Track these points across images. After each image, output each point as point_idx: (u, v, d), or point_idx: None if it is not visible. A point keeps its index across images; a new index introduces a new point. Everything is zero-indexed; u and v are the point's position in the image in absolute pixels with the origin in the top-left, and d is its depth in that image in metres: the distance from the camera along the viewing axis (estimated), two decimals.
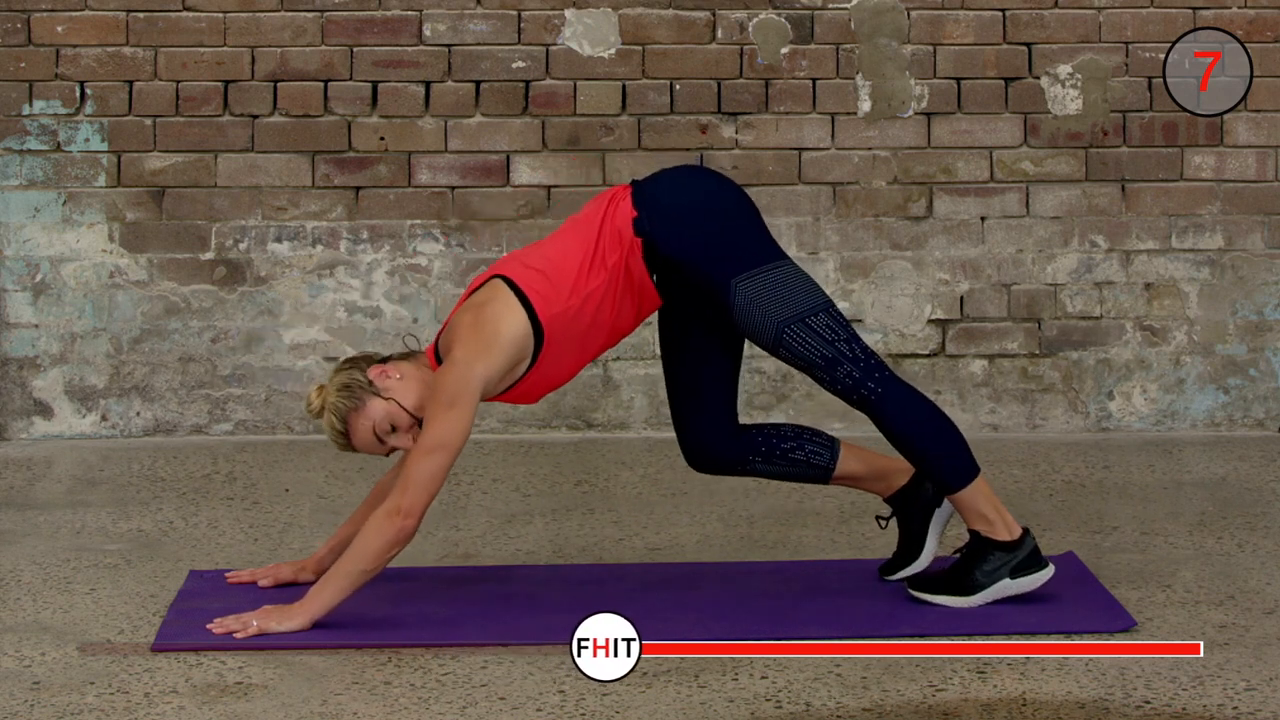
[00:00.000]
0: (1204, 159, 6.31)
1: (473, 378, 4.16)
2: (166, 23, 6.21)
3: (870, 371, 4.28)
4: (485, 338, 4.18)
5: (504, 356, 4.19)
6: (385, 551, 4.13)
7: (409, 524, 4.12)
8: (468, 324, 4.22)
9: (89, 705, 3.79)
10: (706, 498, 5.45)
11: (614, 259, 4.25)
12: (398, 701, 3.80)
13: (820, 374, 4.29)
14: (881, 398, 4.28)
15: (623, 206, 4.29)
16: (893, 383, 4.30)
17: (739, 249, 4.28)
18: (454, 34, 6.25)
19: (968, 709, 3.73)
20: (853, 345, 4.28)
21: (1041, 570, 4.31)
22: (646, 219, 4.26)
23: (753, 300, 4.25)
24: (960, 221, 6.30)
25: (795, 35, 6.26)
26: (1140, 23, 6.28)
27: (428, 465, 4.13)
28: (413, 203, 6.27)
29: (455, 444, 4.14)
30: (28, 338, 6.26)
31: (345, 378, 4.30)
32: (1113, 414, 6.33)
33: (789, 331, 4.25)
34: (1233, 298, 6.32)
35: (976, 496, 4.31)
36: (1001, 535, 4.30)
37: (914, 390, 4.34)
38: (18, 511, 5.35)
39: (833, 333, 4.27)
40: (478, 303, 4.25)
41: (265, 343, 6.28)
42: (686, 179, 4.37)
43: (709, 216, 4.29)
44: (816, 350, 4.26)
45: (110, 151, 6.22)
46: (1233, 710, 3.71)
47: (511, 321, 4.20)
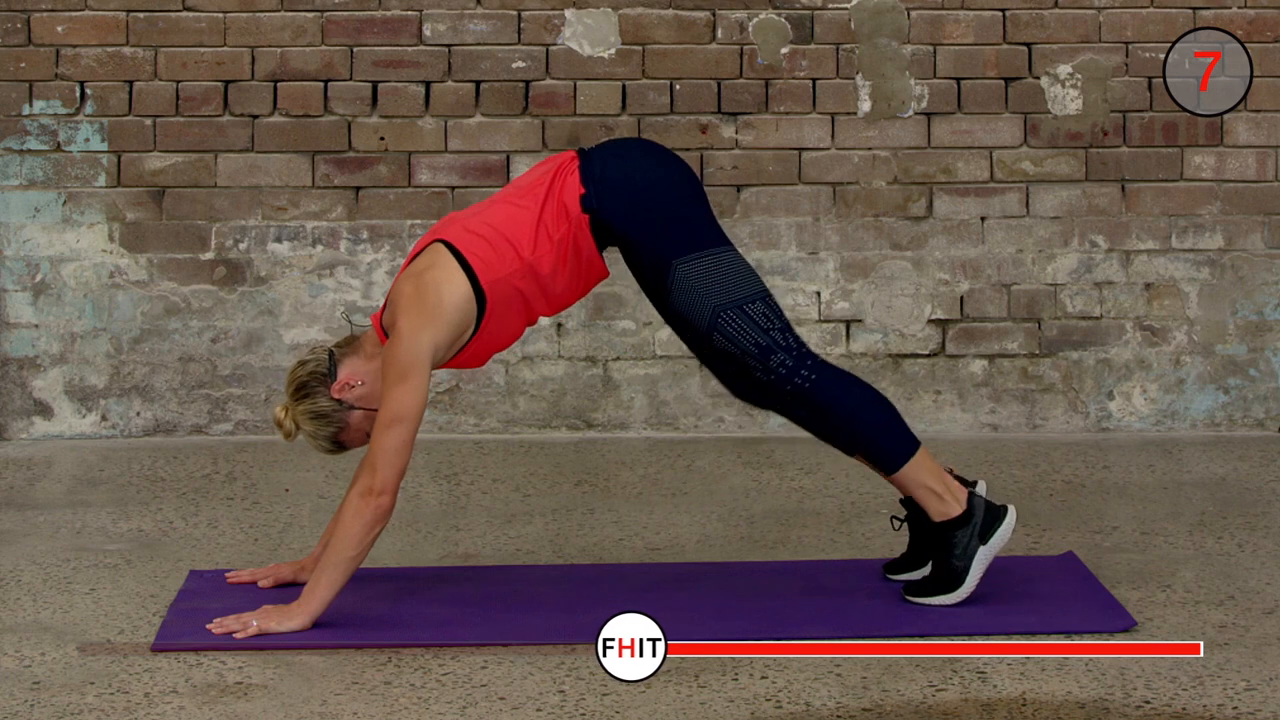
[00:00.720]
0: (1204, 159, 6.31)
1: (420, 347, 4.15)
2: (166, 23, 6.21)
3: (803, 360, 4.28)
4: (429, 306, 4.17)
5: (449, 323, 4.19)
6: (366, 533, 4.13)
7: (384, 501, 4.12)
8: (409, 293, 4.20)
9: (89, 705, 3.79)
10: (706, 498, 5.45)
11: (560, 232, 4.25)
12: (398, 701, 3.80)
13: (753, 362, 4.27)
14: (816, 384, 4.27)
15: (570, 181, 4.28)
16: (825, 368, 4.29)
17: (683, 231, 4.27)
18: (454, 34, 6.25)
19: (968, 709, 3.73)
20: (786, 335, 4.28)
21: (1005, 519, 4.31)
22: (595, 196, 4.26)
23: (692, 282, 4.25)
24: (960, 221, 6.31)
25: (795, 35, 6.26)
26: (1140, 23, 6.28)
27: (390, 439, 4.12)
28: (413, 203, 6.27)
29: (413, 414, 4.14)
30: (28, 338, 6.26)
31: (312, 406, 4.28)
32: (1113, 414, 6.33)
33: (725, 316, 4.25)
34: (1233, 298, 6.32)
35: (920, 470, 4.31)
36: (953, 509, 4.30)
37: (845, 372, 4.33)
38: (18, 511, 5.35)
39: (768, 321, 4.27)
40: (418, 270, 4.23)
41: (265, 343, 6.28)
42: (635, 155, 4.36)
43: (657, 196, 4.29)
44: (750, 337, 4.26)
45: (110, 151, 6.22)
46: (1233, 710, 3.71)
47: (453, 288, 4.19)
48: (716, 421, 6.31)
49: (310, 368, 4.30)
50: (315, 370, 4.30)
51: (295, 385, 4.31)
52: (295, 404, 4.30)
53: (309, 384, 4.30)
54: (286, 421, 4.31)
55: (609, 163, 4.31)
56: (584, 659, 4.03)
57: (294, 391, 4.31)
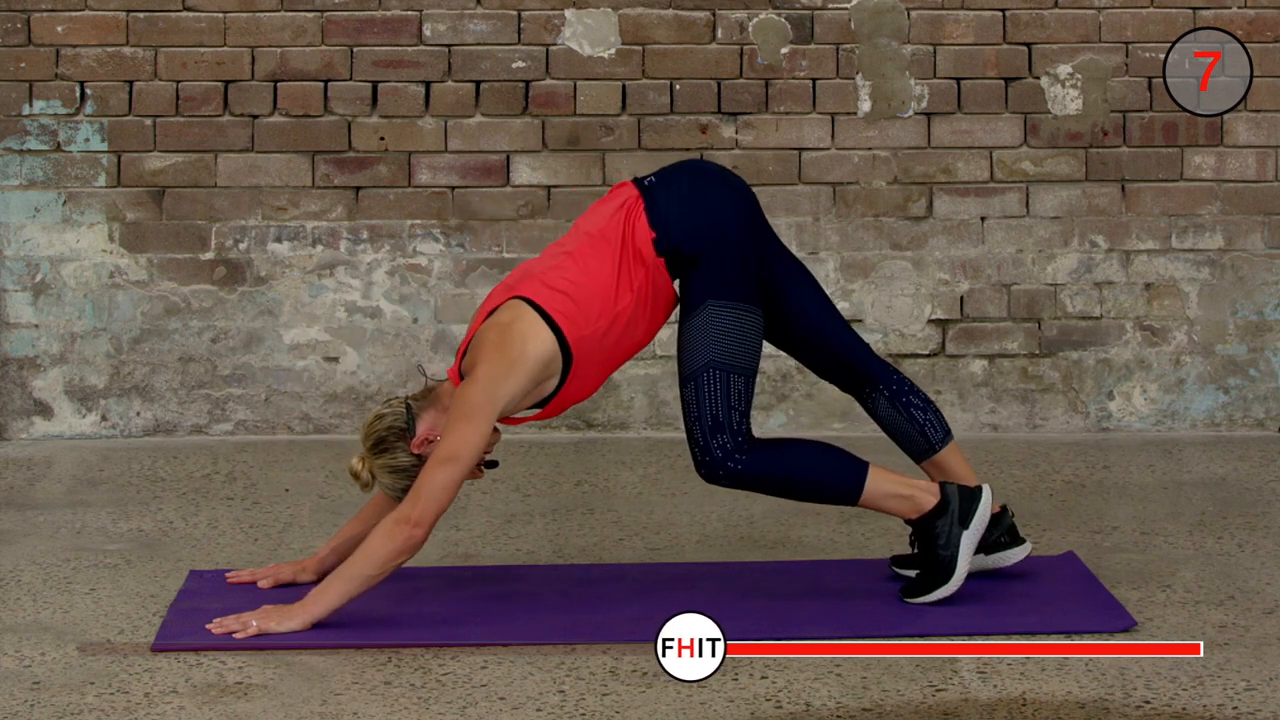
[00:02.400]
0: (1204, 159, 6.31)
1: (495, 394, 4.15)
2: (166, 23, 6.21)
3: (741, 447, 4.26)
4: (511, 356, 4.17)
5: (528, 375, 4.18)
6: (391, 559, 4.13)
7: (417, 534, 4.11)
8: (492, 342, 4.19)
9: (89, 705, 3.79)
10: (706, 498, 5.45)
11: (639, 279, 4.26)
12: (398, 701, 3.80)
13: (698, 429, 4.26)
14: (745, 465, 4.27)
15: (640, 226, 4.27)
16: (756, 449, 4.27)
17: (732, 275, 4.28)
18: (454, 34, 6.25)
19: (968, 709, 3.73)
20: (743, 421, 4.27)
21: (981, 500, 4.32)
22: (665, 239, 4.27)
23: (708, 326, 4.26)
24: (960, 221, 6.30)
25: (795, 35, 6.26)
26: (1140, 23, 6.28)
27: (440, 477, 4.12)
28: (413, 203, 6.27)
29: (469, 457, 4.13)
30: (28, 338, 6.26)
31: (391, 461, 4.26)
32: (1113, 414, 6.33)
33: (709, 374, 4.25)
34: (1233, 298, 6.32)
35: (878, 487, 4.31)
36: (927, 502, 4.30)
37: (774, 442, 4.33)
38: (18, 511, 5.35)
39: (739, 399, 4.27)
40: (502, 321, 4.22)
41: (265, 343, 6.28)
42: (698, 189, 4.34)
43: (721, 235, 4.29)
44: (716, 405, 4.26)
45: (110, 151, 6.22)
46: (1233, 710, 3.71)
47: (538, 343, 4.19)
48: None
49: (388, 422, 4.28)
50: (394, 425, 4.28)
51: (373, 439, 4.29)
52: (374, 458, 4.29)
53: (387, 439, 4.28)
54: (364, 474, 4.30)
55: (673, 201, 4.31)
56: (584, 659, 4.03)
57: (372, 445, 4.29)
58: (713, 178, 4.39)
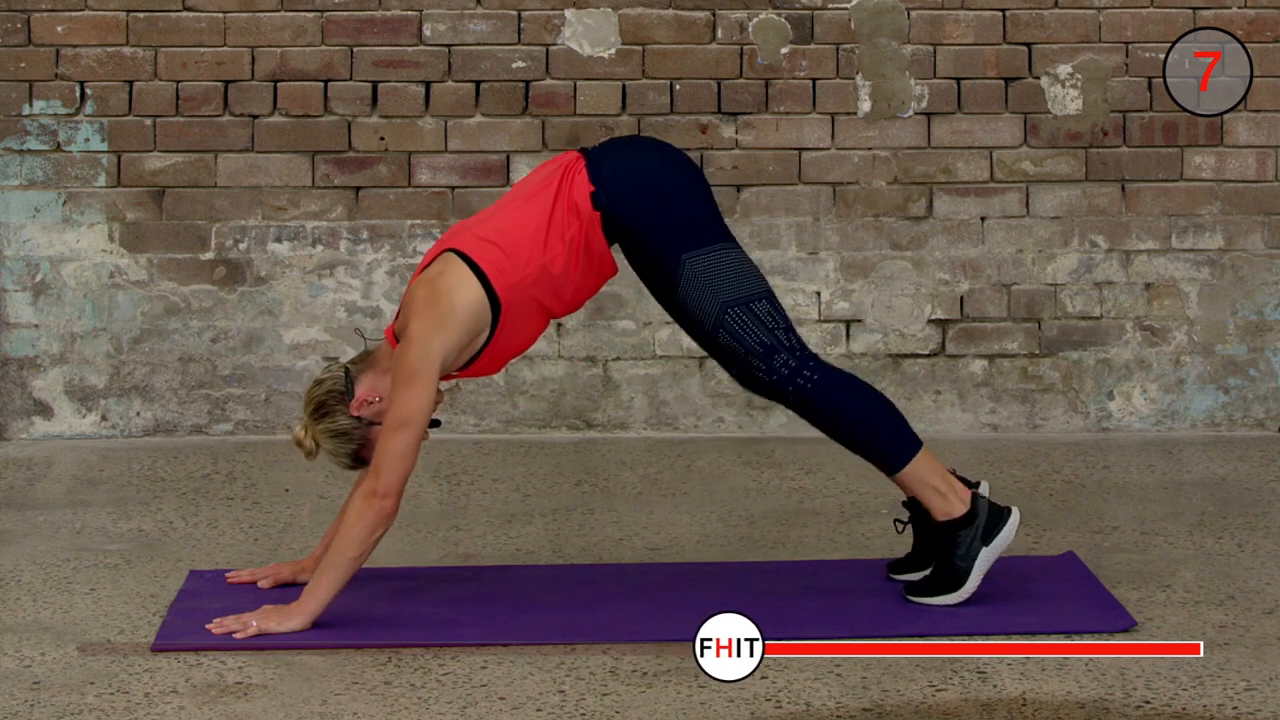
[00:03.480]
0: (1204, 159, 6.31)
1: (431, 351, 4.15)
2: (166, 23, 6.21)
3: (805, 361, 4.28)
4: (441, 311, 4.17)
5: (461, 328, 4.19)
6: (368, 535, 4.13)
7: (387, 504, 4.12)
8: (422, 298, 4.20)
9: (89, 705, 3.79)
10: (706, 498, 5.45)
11: (572, 231, 4.25)
12: (398, 701, 3.80)
13: (756, 361, 4.28)
14: (818, 385, 4.27)
15: (579, 180, 4.28)
16: (826, 370, 4.30)
17: (692, 226, 4.28)
18: (454, 34, 6.25)
19: (968, 709, 3.73)
20: (790, 335, 4.29)
21: (1008, 520, 4.32)
22: (604, 193, 4.26)
23: (700, 278, 4.26)
24: (960, 221, 6.30)
25: (795, 35, 6.26)
26: (1140, 23, 6.28)
27: (395, 443, 4.13)
28: (413, 203, 6.27)
29: (420, 418, 4.14)
30: (28, 338, 6.26)
31: (331, 425, 4.28)
32: (1113, 414, 6.33)
33: (731, 314, 4.26)
34: (1233, 298, 6.32)
35: (924, 470, 4.31)
36: (956, 509, 4.30)
37: (848, 375, 4.33)
38: (18, 511, 5.35)
39: (773, 320, 4.28)
40: (431, 276, 4.23)
41: (265, 343, 6.28)
42: (642, 152, 4.37)
43: (666, 191, 4.29)
44: (756, 336, 4.26)
45: (110, 151, 6.22)
46: (1233, 710, 3.71)
47: (466, 293, 4.19)
48: (716, 421, 6.31)
49: (327, 386, 4.29)
50: (332, 389, 4.30)
51: (314, 405, 4.31)
52: (314, 423, 4.30)
53: (327, 403, 4.29)
54: (307, 440, 4.32)
55: (617, 160, 4.32)
56: (584, 659, 4.03)
57: (312, 411, 4.31)
58: (656, 145, 4.42)
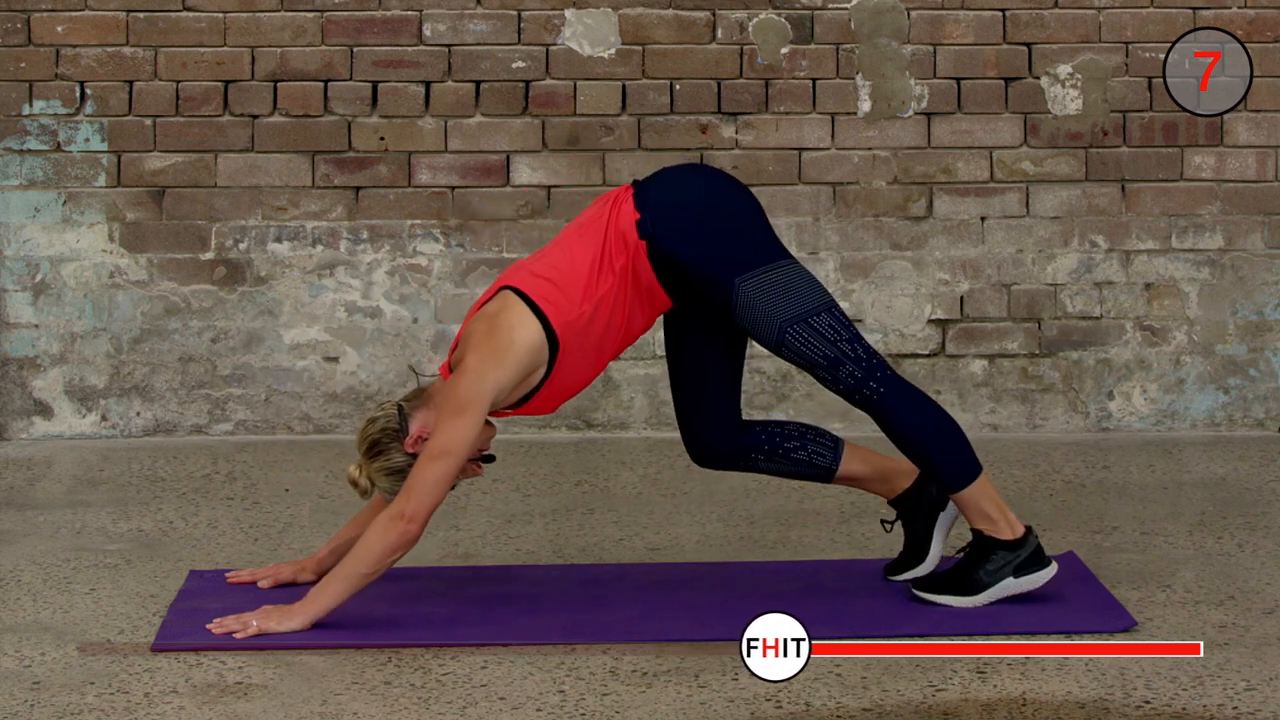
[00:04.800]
0: (1204, 159, 6.31)
1: (484, 385, 4.14)
2: (166, 23, 6.21)
3: (872, 371, 4.28)
4: (499, 346, 4.16)
5: (517, 365, 4.17)
6: (387, 555, 4.13)
7: (412, 529, 4.11)
8: (481, 332, 4.19)
9: (89, 705, 3.79)
10: (706, 498, 5.45)
11: (620, 262, 4.24)
12: (398, 701, 3.80)
13: (823, 374, 4.29)
14: (884, 397, 4.28)
15: (625, 209, 4.27)
16: (894, 382, 4.30)
17: (741, 248, 4.27)
18: (454, 34, 6.25)
19: (968, 709, 3.73)
20: (855, 345, 4.28)
21: (1045, 569, 4.31)
22: (649, 221, 4.25)
23: (755, 300, 4.24)
24: (960, 221, 6.31)
25: (795, 35, 6.26)
26: (1140, 23, 6.28)
27: (432, 471, 4.12)
28: (413, 203, 6.27)
29: (460, 450, 4.13)
30: (28, 338, 6.26)
31: (387, 463, 4.25)
32: (1113, 414, 6.33)
33: (792, 331, 4.25)
34: (1233, 298, 6.32)
35: (979, 495, 4.31)
36: (1005, 534, 4.30)
37: (916, 390, 4.34)
38: (18, 511, 5.35)
39: (835, 332, 4.27)
40: (490, 313, 4.22)
41: (265, 343, 6.28)
42: (688, 178, 4.36)
43: (711, 216, 4.28)
44: (819, 350, 4.26)
45: (110, 151, 6.22)
46: (1233, 710, 3.71)
47: (525, 330, 4.18)
48: None
49: (381, 424, 4.27)
50: (386, 426, 4.27)
51: (368, 443, 4.28)
52: (369, 462, 4.28)
53: (381, 441, 4.27)
54: (362, 480, 4.29)
55: (662, 188, 4.31)
56: (584, 659, 4.03)
57: (367, 450, 4.28)
58: (704, 170, 4.41)
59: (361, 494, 4.31)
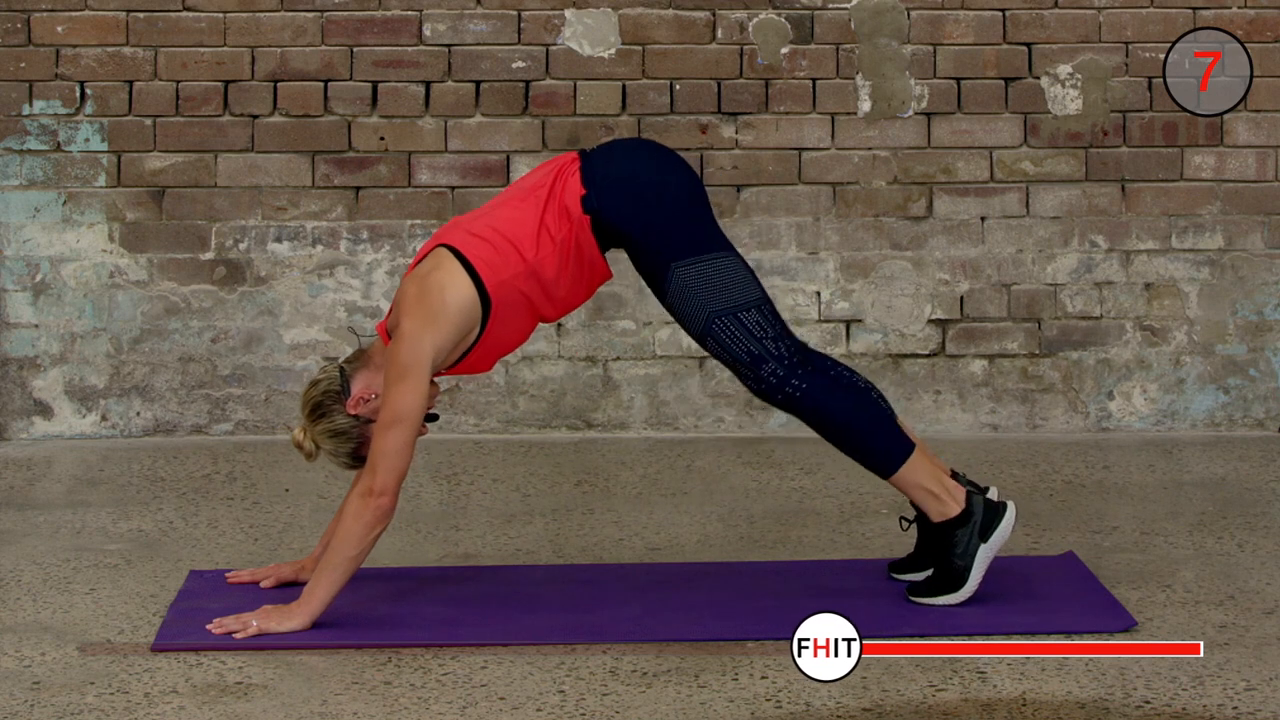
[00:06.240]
0: (1204, 159, 6.31)
1: (422, 348, 4.15)
2: (166, 23, 6.21)
3: (794, 369, 4.26)
4: (432, 307, 4.17)
5: (452, 325, 4.18)
6: (366, 533, 4.14)
7: (384, 501, 4.12)
8: (413, 295, 4.20)
9: (89, 705, 3.79)
10: (706, 498, 5.45)
11: (563, 233, 4.25)
12: (398, 701, 3.80)
13: (744, 370, 4.28)
14: (806, 393, 4.27)
15: (571, 182, 4.28)
16: (815, 378, 4.28)
17: (683, 234, 4.27)
18: (454, 34, 6.25)
19: (968, 709, 3.73)
20: (779, 344, 4.27)
21: (1005, 515, 4.31)
22: (595, 196, 4.25)
23: (687, 287, 4.25)
24: (960, 221, 6.31)
25: (795, 35, 6.26)
26: (1140, 23, 6.28)
27: (390, 440, 4.13)
28: (413, 203, 6.27)
29: (413, 415, 4.14)
30: (28, 338, 6.26)
31: (330, 425, 4.28)
32: (1113, 414, 6.33)
33: (718, 323, 4.25)
34: (1233, 298, 6.32)
35: (915, 473, 4.31)
36: (952, 509, 4.30)
37: (838, 380, 4.31)
38: (18, 511, 5.35)
39: (761, 329, 4.26)
40: (422, 273, 4.23)
41: (265, 343, 6.28)
42: (637, 157, 4.36)
43: (657, 197, 4.28)
44: (743, 346, 4.25)
45: (110, 151, 6.22)
46: (1233, 710, 3.71)
47: (457, 290, 4.19)
48: (716, 421, 6.31)
49: (323, 387, 4.30)
50: (328, 389, 4.30)
51: (310, 406, 4.31)
52: (313, 425, 4.30)
53: (324, 403, 4.29)
54: (306, 443, 4.31)
55: (610, 163, 4.31)
56: (584, 659, 4.03)
57: (310, 412, 4.31)
58: (654, 150, 4.40)
59: (307, 457, 4.33)
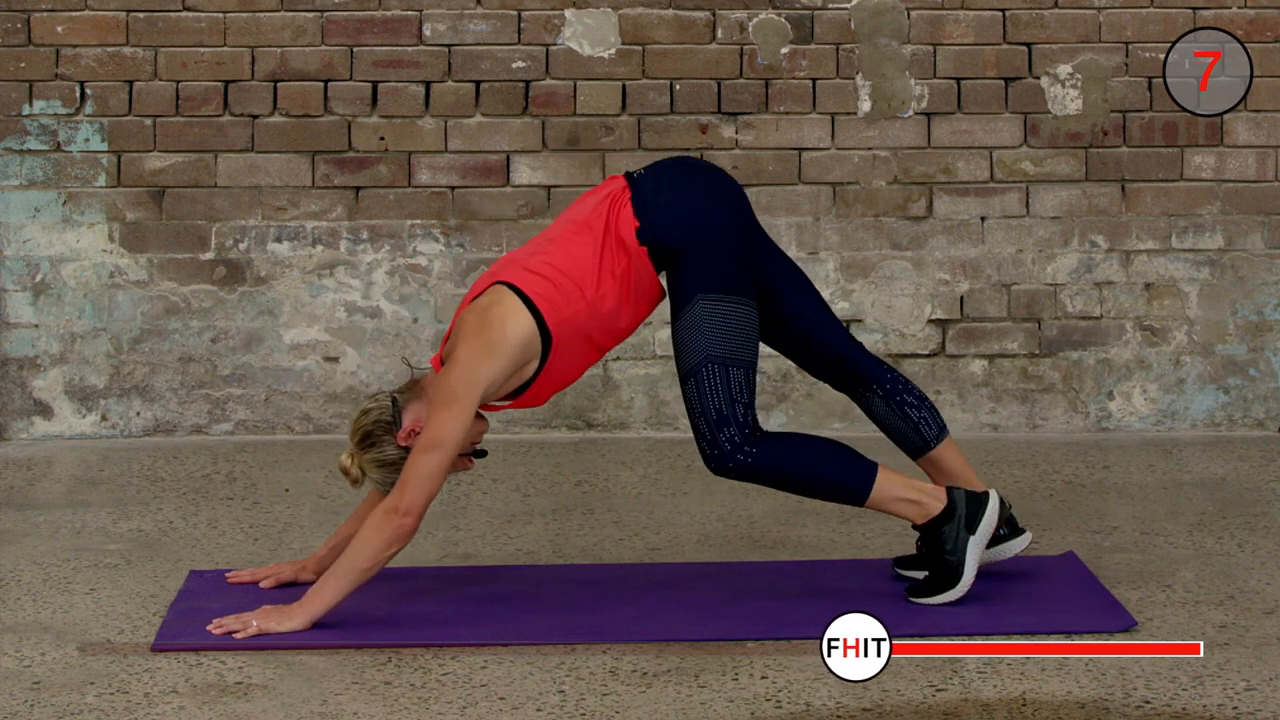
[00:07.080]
0: (1204, 159, 6.31)
1: (475, 377, 4.15)
2: (166, 23, 6.21)
3: (749, 439, 4.24)
4: (491, 338, 4.16)
5: (508, 358, 4.18)
6: (384, 550, 4.13)
7: (408, 522, 4.12)
8: (473, 324, 4.20)
9: (89, 705, 3.79)
10: (706, 498, 5.45)
11: (621, 266, 4.25)
12: (398, 701, 3.80)
13: (705, 428, 4.25)
14: (756, 457, 4.25)
15: (624, 215, 4.27)
16: (763, 443, 4.26)
17: (720, 269, 4.26)
18: (454, 34, 6.25)
19: (968, 709, 3.73)
20: (747, 413, 4.25)
21: (989, 505, 4.32)
22: (649, 228, 4.26)
23: (702, 321, 4.24)
24: (960, 221, 6.31)
25: (795, 35, 6.26)
26: (1140, 23, 6.28)
27: (424, 464, 4.12)
28: (413, 203, 6.27)
29: (452, 442, 4.13)
30: (28, 338, 6.26)
31: (379, 455, 4.27)
32: (1113, 414, 6.33)
33: (708, 369, 4.23)
34: (1233, 298, 6.32)
35: (887, 489, 4.30)
36: (934, 508, 4.31)
37: (782, 437, 4.30)
38: (18, 511, 5.35)
39: (739, 392, 4.24)
40: (482, 306, 4.22)
41: (265, 343, 6.28)
42: (685, 183, 4.34)
43: (707, 226, 4.28)
44: (718, 400, 4.24)
45: (110, 151, 6.22)
46: (1233, 710, 3.71)
47: (517, 325, 4.18)
48: None
49: (374, 416, 4.28)
50: (379, 418, 4.29)
51: (361, 434, 4.29)
52: (361, 453, 4.29)
53: (374, 432, 4.28)
54: (354, 469, 4.31)
55: (659, 192, 4.30)
56: (584, 659, 4.03)
57: (360, 440, 4.29)
58: (701, 172, 4.39)
59: (352, 483, 4.33)
